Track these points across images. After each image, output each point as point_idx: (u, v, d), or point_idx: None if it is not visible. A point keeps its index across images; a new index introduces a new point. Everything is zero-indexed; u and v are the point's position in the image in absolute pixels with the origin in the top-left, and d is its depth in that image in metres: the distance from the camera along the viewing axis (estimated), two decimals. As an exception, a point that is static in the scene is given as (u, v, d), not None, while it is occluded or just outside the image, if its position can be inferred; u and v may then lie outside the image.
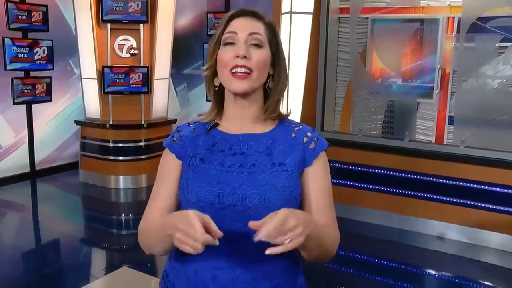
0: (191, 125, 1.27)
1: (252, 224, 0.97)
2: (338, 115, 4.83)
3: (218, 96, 1.25)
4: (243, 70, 1.14)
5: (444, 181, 4.12)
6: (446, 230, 4.17)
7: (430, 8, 4.26)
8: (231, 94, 1.20)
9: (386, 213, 4.40)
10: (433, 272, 3.74)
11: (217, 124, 1.25)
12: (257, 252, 1.04)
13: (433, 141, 4.35)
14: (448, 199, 4.13)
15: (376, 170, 4.42)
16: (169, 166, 1.24)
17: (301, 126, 1.26)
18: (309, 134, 1.23)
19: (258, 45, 1.16)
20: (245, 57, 1.14)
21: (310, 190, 1.20)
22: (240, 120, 1.22)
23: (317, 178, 1.20)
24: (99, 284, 3.37)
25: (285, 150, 1.19)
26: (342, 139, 4.60)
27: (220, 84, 1.20)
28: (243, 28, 1.16)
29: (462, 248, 4.01)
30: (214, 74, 1.22)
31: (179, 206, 1.23)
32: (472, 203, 4.02)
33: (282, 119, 1.26)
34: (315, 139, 1.22)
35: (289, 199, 1.14)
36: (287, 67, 1.28)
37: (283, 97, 1.26)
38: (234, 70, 1.14)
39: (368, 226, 4.44)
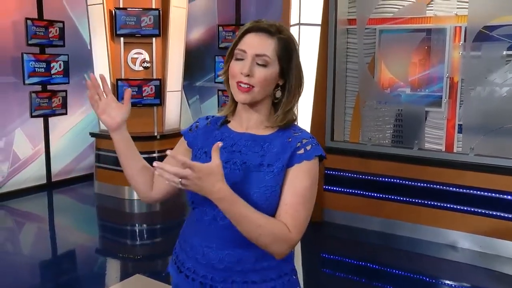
0: (208, 119, 1.46)
1: (155, 164, 1.15)
2: (347, 125, 4.87)
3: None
4: (245, 85, 1.28)
5: (454, 189, 4.13)
6: (458, 239, 4.16)
7: (437, 18, 4.31)
8: None
9: (396, 222, 4.41)
10: (447, 281, 3.72)
11: (228, 121, 1.39)
12: (241, 237, 1.23)
13: (443, 150, 4.36)
14: (458, 207, 4.13)
15: (386, 179, 4.45)
16: (179, 148, 1.47)
17: (300, 133, 1.34)
18: (303, 140, 1.31)
19: (263, 65, 1.28)
20: (248, 75, 1.27)
21: (283, 187, 1.28)
22: (245, 122, 1.37)
23: (292, 178, 1.28)
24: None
25: (278, 153, 1.30)
26: (351, 148, 4.65)
27: None
28: (252, 47, 1.28)
29: (475, 257, 3.99)
30: None
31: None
32: (483, 211, 4.02)
33: (287, 124, 1.35)
34: (307, 147, 1.30)
35: (270, 198, 1.27)
36: (301, 78, 1.35)
37: (294, 106, 1.35)
38: (239, 84, 1.29)
39: (378, 235, 4.45)
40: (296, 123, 1.39)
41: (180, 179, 1.12)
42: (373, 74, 4.63)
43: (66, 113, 5.94)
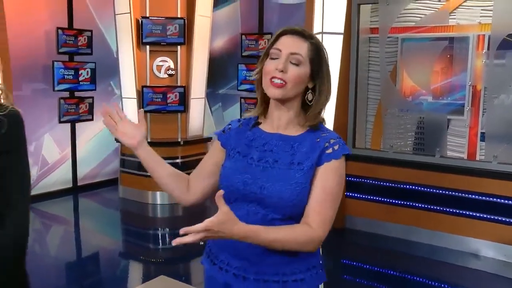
0: (240, 121, 1.55)
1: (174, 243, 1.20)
2: (369, 133, 4.90)
3: (265, 97, 1.46)
4: (279, 81, 1.36)
5: (476, 197, 4.12)
6: (480, 247, 4.14)
7: (460, 27, 4.32)
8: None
9: (417, 229, 4.41)
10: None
11: (259, 123, 1.48)
12: None
13: (465, 158, 4.35)
14: (481, 215, 4.11)
15: (407, 186, 4.46)
16: (214, 150, 1.56)
17: (327, 133, 1.43)
18: (331, 140, 1.40)
19: (296, 64, 1.37)
20: (282, 71, 1.36)
21: (313, 185, 1.37)
22: (276, 121, 1.45)
23: (322, 176, 1.37)
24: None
25: (307, 152, 1.38)
26: (373, 155, 4.67)
27: None
28: (287, 46, 1.38)
29: (499, 266, 3.95)
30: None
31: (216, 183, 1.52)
32: (507, 220, 3.99)
33: (315, 125, 1.43)
34: (335, 147, 1.38)
35: (300, 194, 1.35)
36: (330, 83, 1.44)
37: (324, 108, 1.44)
38: (273, 79, 1.37)
39: (399, 242, 4.45)
40: (324, 124, 1.47)
41: (201, 240, 1.22)
42: (395, 82, 4.66)
43: (92, 119, 6.10)
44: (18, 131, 1.44)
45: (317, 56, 1.40)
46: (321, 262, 1.48)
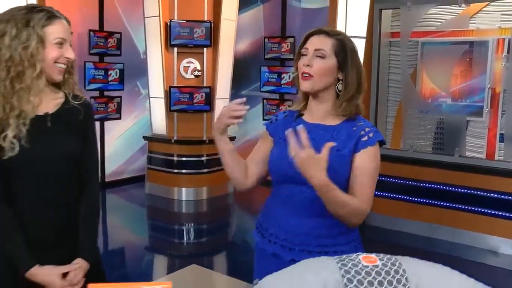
0: (285, 113, 1.74)
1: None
2: (389, 133, 5.06)
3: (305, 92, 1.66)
4: (306, 74, 1.56)
5: (495, 195, 4.23)
6: (499, 244, 4.25)
7: (480, 31, 4.46)
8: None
9: (436, 226, 4.55)
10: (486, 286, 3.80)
11: (302, 114, 1.68)
12: (316, 208, 1.51)
13: (484, 158, 4.48)
14: (500, 213, 4.22)
15: (426, 185, 4.60)
16: (264, 139, 1.74)
17: (363, 122, 1.62)
18: (366, 129, 1.58)
19: (321, 57, 1.56)
20: (308, 65, 1.56)
21: (353, 170, 1.55)
22: (315, 113, 1.64)
23: (360, 162, 1.55)
24: (169, 278, 3.69)
25: (345, 140, 1.57)
26: (393, 155, 4.81)
27: None
28: (312, 44, 1.58)
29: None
30: None
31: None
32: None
33: (351, 115, 1.61)
34: (370, 134, 1.57)
35: (339, 175, 1.52)
36: (360, 74, 1.60)
37: (355, 97, 1.60)
38: (302, 74, 1.58)
39: (418, 239, 4.58)
40: (361, 115, 1.65)
41: (294, 155, 1.38)
42: (415, 84, 4.82)
43: (120, 118, 6.33)
44: (90, 119, 1.67)
45: (342, 49, 1.57)
46: (359, 236, 1.66)
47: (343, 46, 1.58)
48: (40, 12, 1.48)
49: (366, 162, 1.55)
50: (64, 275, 1.52)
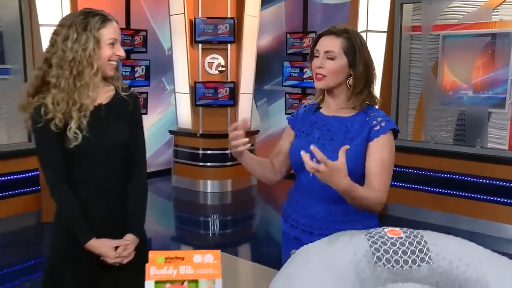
0: (305, 107, 1.86)
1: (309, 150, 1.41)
2: (410, 126, 5.13)
3: None
4: (320, 75, 1.67)
5: (516, 186, 4.30)
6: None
7: (503, 23, 4.47)
8: None
9: (456, 216, 4.63)
10: None
11: (320, 108, 1.80)
12: (329, 195, 1.59)
13: (506, 149, 4.52)
14: (521, 204, 4.29)
15: (447, 175, 4.67)
16: (287, 133, 1.87)
17: (376, 113, 1.70)
18: (378, 119, 1.67)
19: (331, 59, 1.65)
20: (320, 67, 1.67)
21: (369, 159, 1.63)
22: (331, 106, 1.75)
23: (374, 151, 1.63)
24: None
25: (358, 130, 1.66)
26: (414, 146, 4.90)
27: None
28: (323, 46, 1.68)
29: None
30: None
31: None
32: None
33: (366, 107, 1.71)
34: (382, 123, 1.65)
35: (354, 165, 1.59)
36: (368, 68, 1.69)
37: (368, 90, 1.69)
38: (316, 75, 1.69)
39: (439, 229, 4.57)
40: (376, 106, 1.75)
41: (313, 172, 1.41)
42: (436, 77, 4.88)
43: (146, 113, 6.50)
44: (138, 109, 1.83)
45: (351, 47, 1.65)
46: (378, 223, 1.75)
47: (352, 44, 1.65)
48: (95, 16, 1.66)
49: (379, 150, 1.62)
50: (117, 248, 1.70)
